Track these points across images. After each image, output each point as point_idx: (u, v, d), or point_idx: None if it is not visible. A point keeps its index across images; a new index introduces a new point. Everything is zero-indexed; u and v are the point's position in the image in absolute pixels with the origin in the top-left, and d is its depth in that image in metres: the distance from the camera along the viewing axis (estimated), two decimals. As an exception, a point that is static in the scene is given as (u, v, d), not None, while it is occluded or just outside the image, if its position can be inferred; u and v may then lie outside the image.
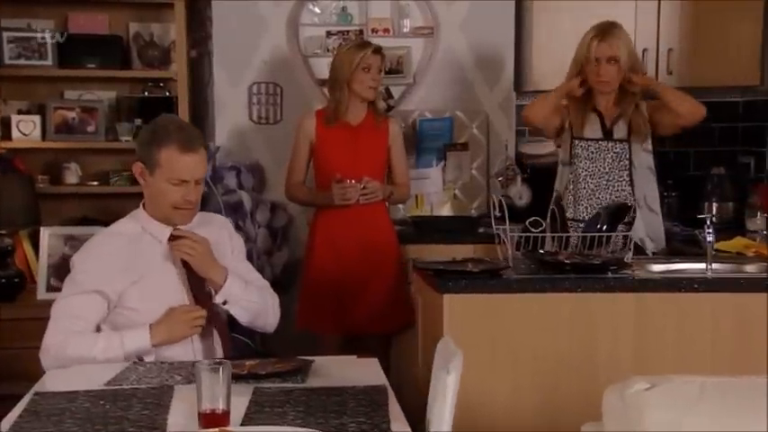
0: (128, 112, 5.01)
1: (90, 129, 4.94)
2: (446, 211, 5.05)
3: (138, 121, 4.89)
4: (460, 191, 5.13)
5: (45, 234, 4.68)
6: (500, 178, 4.88)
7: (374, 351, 4.21)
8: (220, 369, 2.28)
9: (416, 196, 4.97)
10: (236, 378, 2.51)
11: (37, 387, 2.70)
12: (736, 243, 3.85)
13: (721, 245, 3.98)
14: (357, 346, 4.42)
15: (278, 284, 4.08)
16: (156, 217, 3.10)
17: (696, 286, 3.27)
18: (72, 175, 4.98)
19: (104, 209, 5.01)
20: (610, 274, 3.34)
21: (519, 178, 4.81)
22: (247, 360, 2.81)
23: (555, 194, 3.88)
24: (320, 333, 4.47)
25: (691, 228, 4.69)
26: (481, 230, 4.69)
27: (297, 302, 4.50)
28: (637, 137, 4.11)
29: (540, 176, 4.93)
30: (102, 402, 2.51)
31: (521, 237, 3.57)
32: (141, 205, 3.16)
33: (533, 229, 3.54)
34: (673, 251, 4.16)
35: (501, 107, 5.17)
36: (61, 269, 4.67)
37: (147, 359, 2.93)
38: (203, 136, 3.19)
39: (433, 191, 5.03)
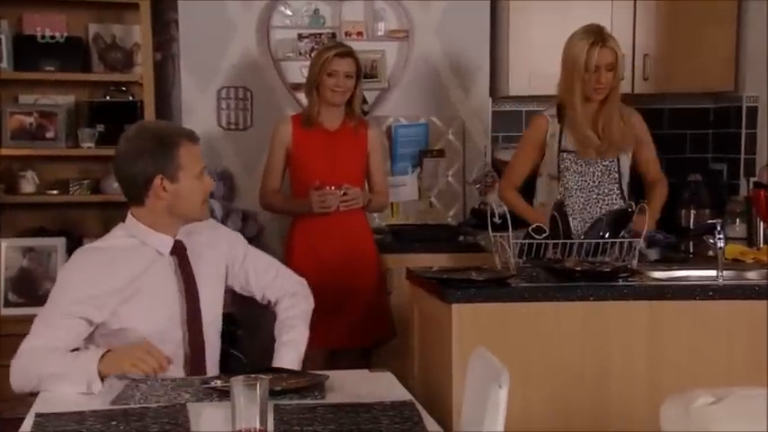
0: (89, 117, 4.78)
1: (49, 135, 4.70)
2: (422, 219, 4.93)
3: (101, 127, 4.68)
4: (436, 198, 5.02)
5: (2, 246, 4.48)
6: (478, 185, 4.78)
7: (354, 364, 4.09)
8: (257, 386, 2.12)
9: (392, 204, 4.84)
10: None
11: (35, 408, 2.51)
12: (732, 250, 3.78)
13: (716, 251, 3.92)
14: (336, 359, 4.28)
15: (243, 300, 3.91)
16: (157, 227, 2.89)
17: (711, 293, 3.20)
18: (29, 183, 4.74)
19: (63, 219, 4.82)
20: (621, 282, 3.25)
21: (498, 185, 4.69)
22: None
23: (556, 200, 3.75)
24: (299, 347, 4.30)
25: (672, 235, 4.65)
26: (461, 239, 4.59)
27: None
28: (621, 146, 3.98)
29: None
30: (114, 423, 2.35)
31: (523, 244, 3.46)
32: (130, 215, 2.93)
33: (537, 236, 3.43)
34: (663, 258, 4.09)
35: (476, 113, 5.07)
36: (20, 283, 4.48)
37: (95, 388, 2.65)
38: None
39: (409, 198, 4.90)
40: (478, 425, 2.23)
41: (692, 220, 4.76)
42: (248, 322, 3.92)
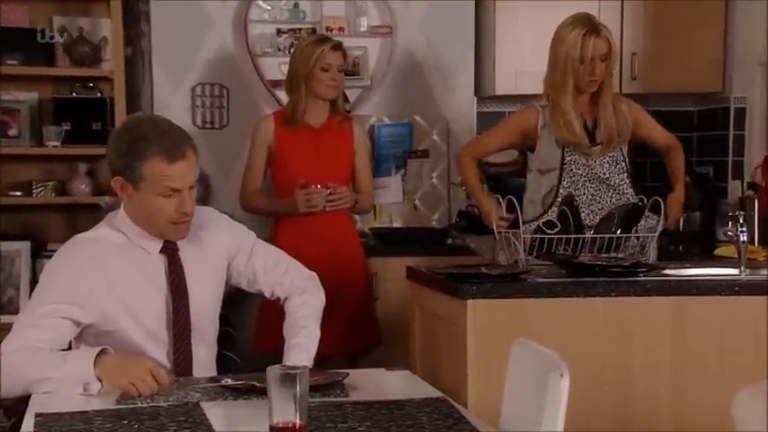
0: (54, 114, 4.52)
1: (11, 132, 4.44)
2: (406, 222, 4.75)
3: (67, 125, 4.44)
4: (421, 201, 4.84)
5: (-37, 250, 4.18)
6: (464, 187, 4.60)
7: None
8: (297, 377, 1.90)
9: (375, 207, 4.64)
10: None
11: (33, 408, 2.28)
12: (742, 249, 3.66)
13: (722, 251, 3.81)
14: (323, 366, 4.07)
15: (232, 301, 3.70)
16: (143, 228, 2.68)
17: (737, 289, 3.06)
18: (-12, 185, 4.46)
19: (26, 223, 4.57)
20: (642, 277, 3.09)
21: (486, 187, 4.52)
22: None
23: (565, 194, 3.57)
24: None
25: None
26: (450, 242, 4.42)
27: (254, 321, 4.10)
28: (620, 139, 3.82)
29: (503, 185, 4.68)
30: (125, 422, 2.15)
31: (533, 240, 3.29)
32: (122, 207, 2.71)
33: (548, 231, 3.26)
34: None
35: (461, 113, 4.91)
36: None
37: (93, 389, 2.42)
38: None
39: (393, 201, 4.72)
40: (535, 418, 2.04)
41: (681, 223, 4.63)
42: (241, 323, 3.70)
